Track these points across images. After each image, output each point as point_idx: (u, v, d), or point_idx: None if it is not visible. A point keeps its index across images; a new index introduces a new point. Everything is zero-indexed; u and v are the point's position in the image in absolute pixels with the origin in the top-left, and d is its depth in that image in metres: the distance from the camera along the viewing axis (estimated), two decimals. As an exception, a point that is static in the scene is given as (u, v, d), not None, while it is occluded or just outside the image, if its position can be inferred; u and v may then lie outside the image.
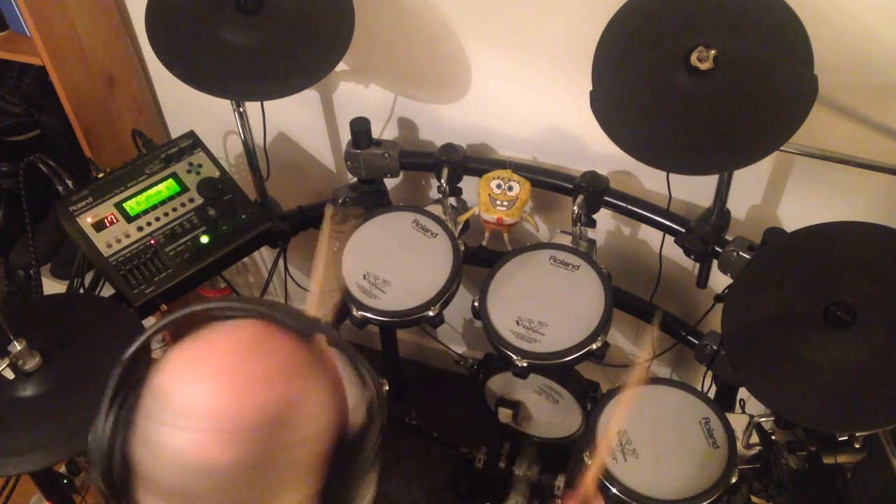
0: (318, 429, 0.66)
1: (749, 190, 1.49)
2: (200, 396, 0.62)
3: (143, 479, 0.64)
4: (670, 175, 1.46)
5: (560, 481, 1.60)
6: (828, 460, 1.21)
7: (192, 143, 1.54)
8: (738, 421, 1.29)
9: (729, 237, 1.40)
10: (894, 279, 1.09)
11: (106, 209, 1.43)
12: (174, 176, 1.49)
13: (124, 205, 1.44)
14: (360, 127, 1.57)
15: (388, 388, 1.38)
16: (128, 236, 1.42)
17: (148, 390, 0.65)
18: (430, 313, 1.38)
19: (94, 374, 1.20)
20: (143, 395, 0.65)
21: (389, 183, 1.72)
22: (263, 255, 2.27)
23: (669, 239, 1.48)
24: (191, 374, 0.64)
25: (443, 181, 1.53)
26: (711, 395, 1.47)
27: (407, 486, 1.99)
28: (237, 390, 0.63)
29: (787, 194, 1.47)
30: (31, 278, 1.57)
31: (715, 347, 1.43)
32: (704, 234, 1.39)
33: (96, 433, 0.66)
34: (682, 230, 1.42)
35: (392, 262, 1.45)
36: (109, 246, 1.40)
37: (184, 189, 1.49)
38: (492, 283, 1.41)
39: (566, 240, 1.49)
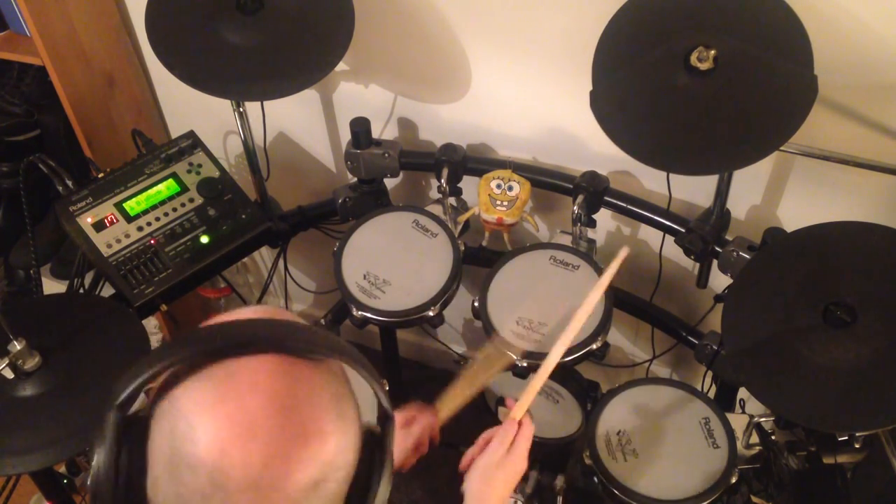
0: (351, 463, 0.65)
1: (749, 190, 1.49)
2: (243, 465, 0.57)
3: None
4: (670, 175, 1.46)
5: (560, 481, 1.60)
6: (828, 460, 1.21)
7: (192, 143, 1.54)
8: (738, 421, 1.29)
9: (729, 237, 1.40)
10: (894, 279, 1.09)
11: (106, 209, 1.43)
12: (174, 176, 1.49)
13: (124, 205, 1.44)
14: (360, 127, 1.57)
15: (388, 387, 1.38)
16: (128, 236, 1.42)
17: (174, 450, 0.59)
18: (430, 313, 1.38)
19: (93, 374, 1.20)
20: (166, 454, 0.60)
21: (389, 183, 1.72)
22: (263, 255, 2.27)
23: (669, 239, 1.48)
24: (229, 440, 0.58)
25: (443, 181, 1.53)
26: (711, 395, 1.47)
27: (407, 485, 1.99)
28: (282, 455, 0.59)
29: (787, 194, 1.47)
30: (31, 278, 1.57)
31: (715, 347, 1.43)
32: (704, 234, 1.39)
33: (99, 480, 0.61)
34: (682, 230, 1.42)
35: (392, 262, 1.45)
36: (109, 246, 1.40)
37: (184, 189, 1.49)
38: (492, 283, 1.40)
39: (566, 240, 1.49)
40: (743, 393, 1.50)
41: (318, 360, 0.65)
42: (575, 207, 1.46)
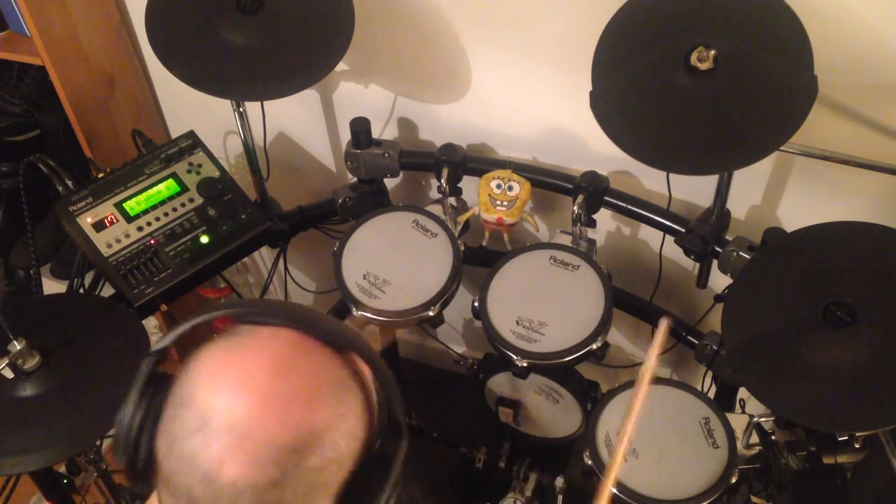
0: (343, 454, 0.65)
1: (749, 190, 1.49)
2: (229, 410, 0.61)
3: (164, 477, 0.64)
4: (670, 175, 1.46)
5: (560, 481, 1.60)
6: (828, 460, 1.21)
7: (192, 143, 1.54)
8: (738, 421, 1.29)
9: (729, 237, 1.40)
10: (894, 279, 1.09)
11: (106, 209, 1.43)
12: (174, 176, 1.49)
13: (124, 205, 1.44)
14: (360, 127, 1.57)
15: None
16: (128, 236, 1.42)
17: (179, 392, 0.64)
18: (430, 313, 1.38)
19: (93, 374, 1.20)
20: (173, 395, 0.65)
21: (389, 183, 1.72)
22: (263, 255, 2.27)
23: (669, 239, 1.48)
24: (223, 385, 0.63)
25: (443, 181, 1.53)
26: (711, 395, 1.47)
27: (407, 485, 1.99)
28: (268, 409, 0.61)
29: (787, 194, 1.47)
30: (31, 278, 1.57)
31: (715, 347, 1.43)
32: (704, 234, 1.39)
33: (123, 422, 0.66)
34: (682, 230, 1.42)
35: (392, 262, 1.44)
36: (109, 246, 1.40)
37: (184, 189, 1.49)
38: (492, 283, 1.40)
39: (566, 240, 1.49)
40: (743, 393, 1.50)
41: (338, 351, 0.67)
42: (575, 207, 1.46)
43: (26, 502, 1.81)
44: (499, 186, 1.51)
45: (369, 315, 1.39)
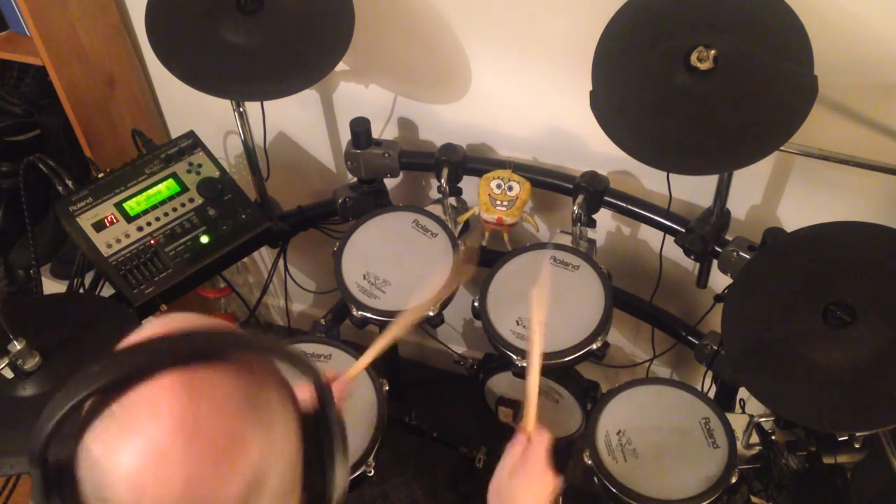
0: (285, 466, 0.63)
1: (749, 190, 1.49)
2: (160, 497, 0.57)
3: None
4: (670, 175, 1.46)
5: (560, 481, 1.60)
6: (828, 460, 1.21)
7: (192, 143, 1.54)
8: (738, 421, 1.29)
9: (729, 237, 1.40)
10: (894, 279, 1.09)
11: (106, 209, 1.43)
12: (174, 176, 1.49)
13: (124, 205, 1.44)
14: (360, 127, 1.57)
15: (387, 388, 1.38)
16: (128, 236, 1.42)
17: (98, 500, 0.59)
18: (430, 313, 1.38)
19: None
20: (82, 476, 0.59)
21: (389, 183, 1.72)
22: (263, 255, 2.27)
23: (669, 239, 1.48)
24: (142, 475, 0.57)
25: (443, 181, 1.53)
26: (711, 395, 1.47)
27: (407, 485, 1.99)
28: (197, 482, 0.58)
29: (787, 194, 1.47)
30: (31, 278, 1.57)
31: (715, 347, 1.43)
32: (704, 234, 1.39)
33: None
34: (682, 230, 1.42)
35: (392, 262, 1.45)
36: (109, 246, 1.40)
37: (184, 189, 1.49)
38: (492, 283, 1.40)
39: (566, 240, 1.49)
40: (743, 393, 1.50)
41: (222, 364, 0.61)
42: (575, 207, 1.46)
43: (26, 502, 1.80)
44: (499, 186, 1.51)
45: (369, 315, 1.39)
